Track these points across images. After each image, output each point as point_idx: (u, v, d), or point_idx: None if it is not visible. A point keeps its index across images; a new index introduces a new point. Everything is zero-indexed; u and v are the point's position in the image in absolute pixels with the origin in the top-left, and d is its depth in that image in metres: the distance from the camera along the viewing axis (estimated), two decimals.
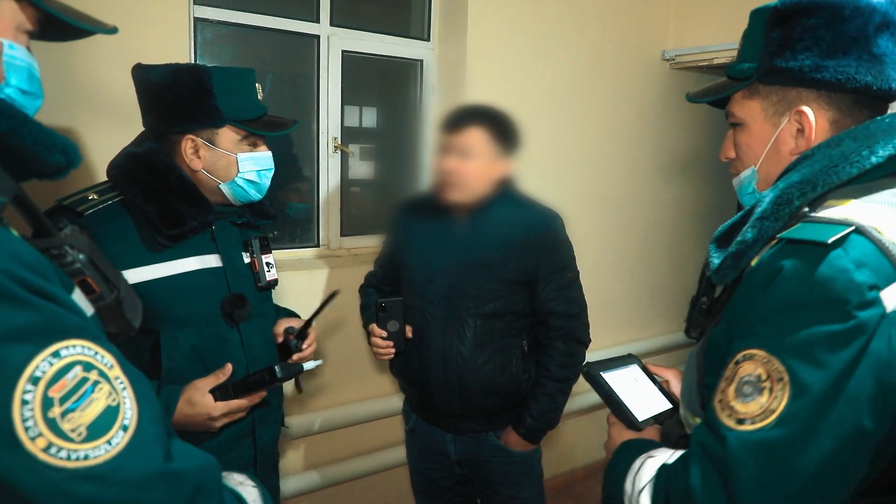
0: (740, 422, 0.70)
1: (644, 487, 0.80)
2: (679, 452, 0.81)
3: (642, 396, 1.05)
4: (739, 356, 0.73)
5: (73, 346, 0.55)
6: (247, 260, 1.33)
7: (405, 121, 2.48)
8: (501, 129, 1.56)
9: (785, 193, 0.78)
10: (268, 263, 1.35)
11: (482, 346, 1.57)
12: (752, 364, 0.71)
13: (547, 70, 2.53)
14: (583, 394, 2.86)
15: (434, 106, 2.44)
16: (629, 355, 1.14)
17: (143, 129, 1.29)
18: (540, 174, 2.52)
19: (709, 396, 0.79)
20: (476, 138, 1.52)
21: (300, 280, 2.06)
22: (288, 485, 2.09)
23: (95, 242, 1.10)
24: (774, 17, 0.85)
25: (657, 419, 1.02)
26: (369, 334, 1.65)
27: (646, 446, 0.90)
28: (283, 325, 1.40)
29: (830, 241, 0.68)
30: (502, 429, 1.68)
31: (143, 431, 0.57)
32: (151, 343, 1.18)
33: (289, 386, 2.09)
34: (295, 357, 1.37)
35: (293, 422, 2.08)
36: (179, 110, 1.18)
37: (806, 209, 0.77)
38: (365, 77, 2.36)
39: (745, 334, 0.74)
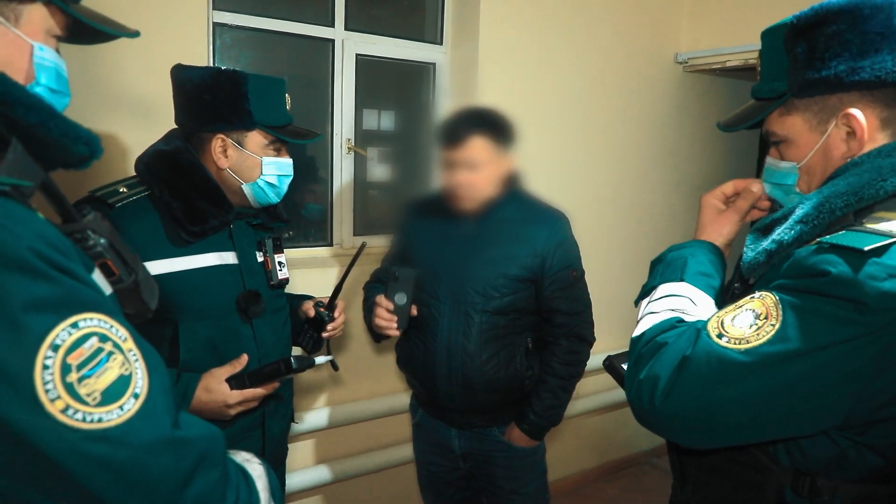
0: (720, 336, 0.77)
1: (644, 318, 0.91)
2: (685, 330, 0.83)
3: None
4: (757, 293, 0.79)
5: (91, 319, 0.59)
6: (260, 259, 1.38)
7: (419, 123, 2.53)
8: (498, 131, 1.57)
9: (828, 201, 0.78)
10: (280, 263, 1.41)
11: (487, 343, 1.60)
12: (761, 302, 0.77)
13: (558, 73, 2.55)
14: (592, 395, 2.88)
15: (447, 109, 2.47)
16: None
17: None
18: (552, 176, 2.54)
19: None
20: (479, 148, 1.54)
21: (314, 278, 2.11)
22: (297, 479, 2.13)
23: (123, 233, 1.16)
24: (793, 32, 0.84)
25: None
26: (369, 313, 1.64)
27: (685, 289, 0.91)
28: (310, 302, 1.47)
29: (867, 248, 0.70)
30: (506, 424, 1.71)
31: (152, 400, 0.61)
32: (171, 334, 1.24)
33: (300, 382, 2.14)
34: (329, 327, 1.44)
35: (303, 417, 2.13)
36: (215, 110, 1.25)
37: (852, 218, 0.78)
38: (379, 80, 2.41)
39: (770, 285, 0.79)
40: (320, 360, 1.26)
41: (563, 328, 1.64)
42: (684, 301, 0.89)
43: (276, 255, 1.41)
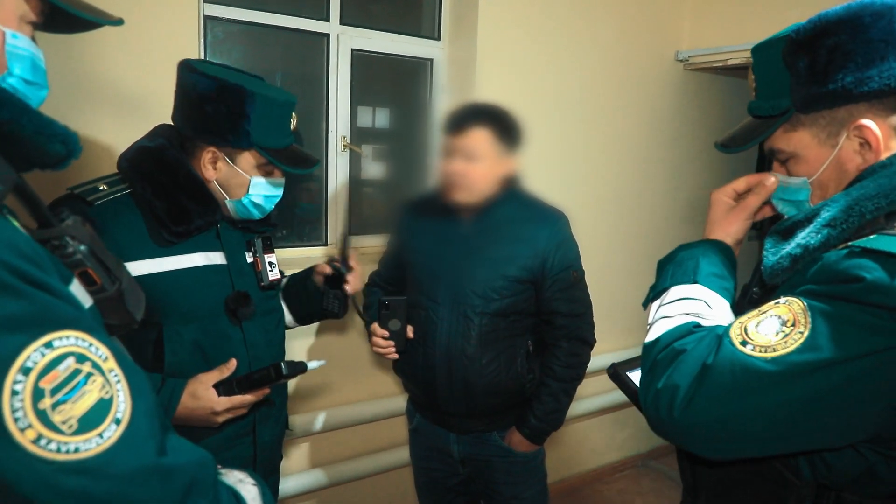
0: (743, 343, 0.73)
1: (657, 323, 0.87)
2: (704, 335, 0.80)
3: None
4: (783, 299, 0.75)
5: (67, 337, 0.54)
6: (249, 259, 1.34)
7: (416, 120, 2.48)
8: (504, 128, 1.54)
9: (858, 204, 0.75)
10: (270, 263, 1.36)
11: (487, 345, 1.56)
12: (787, 308, 0.73)
13: (558, 70, 2.51)
14: (590, 397, 2.84)
15: (444, 106, 2.43)
16: None
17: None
18: (550, 175, 2.50)
19: None
20: (480, 139, 1.51)
21: None
22: (291, 484, 2.09)
23: (103, 233, 1.10)
24: (793, 46, 0.82)
25: None
26: (370, 333, 1.65)
27: (707, 287, 0.88)
28: (322, 264, 1.46)
29: None
30: (506, 428, 1.68)
31: (136, 425, 0.56)
32: (155, 337, 1.19)
33: (293, 387, 2.09)
34: (349, 278, 1.46)
35: (297, 420, 2.08)
36: (213, 124, 1.19)
37: (883, 221, 0.75)
38: (375, 76, 2.36)
39: (797, 290, 0.76)
40: (312, 365, 1.22)
41: (564, 330, 1.61)
42: (699, 304, 0.86)
43: (266, 256, 1.36)
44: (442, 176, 1.58)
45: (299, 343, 2.11)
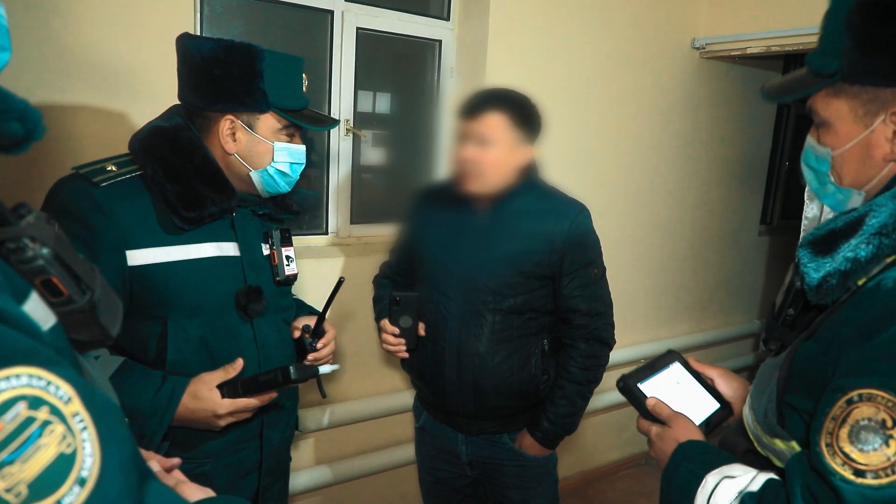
0: (859, 473, 0.61)
1: None
2: (762, 477, 0.70)
3: (686, 401, 0.97)
4: (854, 395, 0.63)
5: (17, 377, 0.42)
6: (266, 252, 1.26)
7: (421, 105, 2.37)
8: (522, 114, 1.46)
9: None
10: (287, 257, 1.29)
11: (499, 344, 1.48)
12: (872, 407, 0.62)
13: (571, 55, 2.41)
14: (598, 394, 2.76)
15: (452, 90, 2.32)
16: (669, 352, 1.04)
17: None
18: (560, 165, 2.40)
19: (789, 417, 0.70)
20: (495, 124, 1.42)
21: (308, 269, 1.96)
22: (297, 481, 2.01)
23: (108, 217, 1.03)
24: (856, 11, 0.74)
25: (707, 423, 0.94)
26: (381, 329, 1.57)
27: (715, 458, 0.79)
28: (300, 322, 1.33)
29: None
30: (517, 431, 1.60)
31: (106, 484, 0.44)
32: (159, 332, 1.11)
33: (304, 387, 2.00)
34: (310, 357, 1.29)
35: (301, 416, 1.99)
36: (226, 88, 1.12)
37: None
38: (380, 58, 2.24)
39: (861, 370, 0.64)
40: (325, 369, 1.14)
41: (583, 330, 1.52)
42: (732, 480, 0.75)
43: (283, 249, 1.28)
44: (454, 163, 1.50)
45: None
